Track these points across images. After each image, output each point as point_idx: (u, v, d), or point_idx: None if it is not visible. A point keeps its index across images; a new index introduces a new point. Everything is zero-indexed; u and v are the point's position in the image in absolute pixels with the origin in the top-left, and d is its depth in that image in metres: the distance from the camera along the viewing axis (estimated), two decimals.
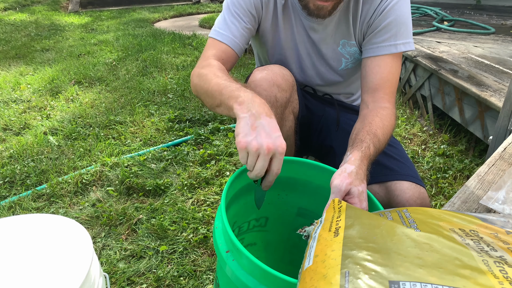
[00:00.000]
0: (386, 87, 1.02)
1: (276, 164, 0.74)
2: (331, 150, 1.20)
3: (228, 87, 0.84)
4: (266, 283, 0.62)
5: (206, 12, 6.80)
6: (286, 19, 1.11)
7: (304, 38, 1.12)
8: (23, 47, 4.15)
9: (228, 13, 1.08)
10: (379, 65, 1.03)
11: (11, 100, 2.72)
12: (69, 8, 6.70)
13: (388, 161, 1.03)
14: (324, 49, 1.13)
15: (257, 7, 1.07)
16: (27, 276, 0.70)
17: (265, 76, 0.99)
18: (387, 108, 1.00)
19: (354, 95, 1.32)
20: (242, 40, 1.09)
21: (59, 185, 1.74)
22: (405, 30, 1.03)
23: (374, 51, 1.04)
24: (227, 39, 1.06)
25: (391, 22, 1.01)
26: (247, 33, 1.09)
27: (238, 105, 0.78)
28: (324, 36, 1.10)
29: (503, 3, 5.24)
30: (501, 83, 2.12)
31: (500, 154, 1.25)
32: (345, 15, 1.06)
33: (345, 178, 0.77)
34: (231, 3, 1.08)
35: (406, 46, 1.03)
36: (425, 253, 0.47)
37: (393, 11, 1.01)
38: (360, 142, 0.87)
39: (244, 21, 1.07)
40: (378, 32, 1.03)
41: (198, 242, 1.43)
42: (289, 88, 1.02)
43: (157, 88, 2.91)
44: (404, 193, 0.96)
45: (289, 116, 1.07)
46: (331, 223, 0.58)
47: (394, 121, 0.99)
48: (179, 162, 1.96)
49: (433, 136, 2.30)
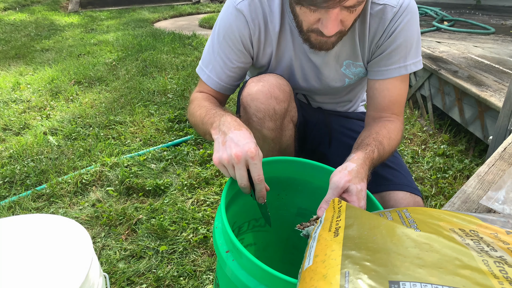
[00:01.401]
0: (394, 108, 1.01)
1: (253, 170, 0.75)
2: (324, 157, 1.20)
3: (207, 115, 0.91)
4: (266, 283, 0.62)
5: (206, 12, 6.80)
6: (281, 46, 1.02)
7: (303, 63, 1.05)
8: (23, 47, 4.15)
9: (215, 49, 1.02)
10: (388, 88, 1.00)
11: (11, 100, 2.72)
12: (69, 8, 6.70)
13: (383, 171, 1.01)
14: (326, 72, 1.06)
15: (245, 44, 1.00)
16: (27, 276, 0.70)
17: (261, 88, 0.94)
18: (395, 123, 0.99)
19: (351, 101, 1.27)
20: (230, 81, 1.05)
21: (59, 185, 1.74)
22: (415, 50, 0.99)
23: (383, 74, 0.99)
24: (212, 83, 1.05)
25: (401, 44, 0.96)
26: (235, 73, 1.04)
27: (213, 130, 0.85)
28: (327, 60, 1.03)
29: (503, 3, 5.24)
30: (501, 83, 2.12)
31: (500, 154, 1.25)
32: (350, 36, 0.99)
33: (345, 176, 0.77)
34: (217, 38, 1.01)
35: (417, 65, 1.00)
36: (425, 253, 0.47)
37: (403, 32, 0.95)
38: (365, 145, 0.87)
39: (231, 60, 1.02)
40: (387, 54, 0.98)
41: (198, 242, 1.43)
42: (287, 98, 0.98)
43: (157, 88, 2.91)
44: (398, 203, 0.96)
45: (288, 125, 1.04)
46: (331, 223, 0.58)
47: (400, 137, 0.97)
48: (179, 162, 1.96)
49: (433, 136, 2.30)
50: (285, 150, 1.06)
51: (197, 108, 0.97)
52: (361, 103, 1.33)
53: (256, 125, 0.96)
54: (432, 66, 2.42)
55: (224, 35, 1.00)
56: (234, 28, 0.98)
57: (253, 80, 0.98)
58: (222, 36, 1.00)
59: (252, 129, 0.94)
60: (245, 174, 0.76)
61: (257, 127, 0.96)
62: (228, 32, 0.99)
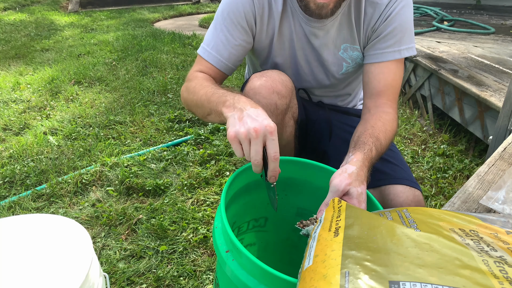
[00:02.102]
0: (389, 93, 1.02)
1: (270, 146, 0.74)
2: (325, 154, 1.20)
3: (215, 93, 0.87)
4: (266, 283, 0.62)
5: (206, 12, 6.80)
6: (284, 27, 1.06)
7: (304, 44, 1.09)
8: (22, 47, 4.15)
9: (217, 27, 1.04)
10: (383, 71, 1.02)
11: (11, 100, 2.72)
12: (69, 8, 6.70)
13: (382, 165, 1.02)
14: (325, 55, 1.10)
15: (249, 21, 1.03)
16: (27, 276, 0.70)
17: (264, 83, 0.96)
18: (390, 113, 0.99)
19: (350, 95, 1.30)
20: (231, 60, 1.05)
21: (59, 185, 1.74)
22: (408, 35, 1.02)
23: (378, 57, 1.03)
24: (213, 59, 1.05)
25: (396, 28, 1.00)
26: (237, 51, 1.05)
27: (225, 108, 0.81)
28: (326, 41, 1.07)
29: (503, 3, 5.24)
30: (501, 83, 2.12)
31: (500, 154, 1.25)
32: (347, 19, 1.03)
33: (345, 179, 0.76)
34: (221, 15, 1.03)
35: (409, 51, 1.03)
36: (425, 253, 0.47)
37: (398, 17, 0.99)
38: (362, 144, 0.86)
39: (234, 37, 1.03)
40: (382, 38, 1.01)
41: (198, 242, 1.43)
42: (289, 94, 1.00)
43: (157, 88, 2.91)
44: (397, 197, 0.96)
45: (289, 122, 1.05)
46: (331, 223, 0.58)
47: (396, 127, 0.98)
48: (179, 162, 1.96)
49: (433, 136, 2.30)
50: (285, 146, 1.07)
51: (200, 87, 0.95)
52: (359, 101, 1.34)
53: None
54: (432, 66, 2.42)
55: (228, 11, 1.02)
56: (239, 4, 1.01)
57: (256, 75, 1.00)
58: (227, 13, 1.02)
59: None
60: (261, 150, 0.74)
61: None
62: (232, 8, 1.01)
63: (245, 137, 0.73)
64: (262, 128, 0.73)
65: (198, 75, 1.03)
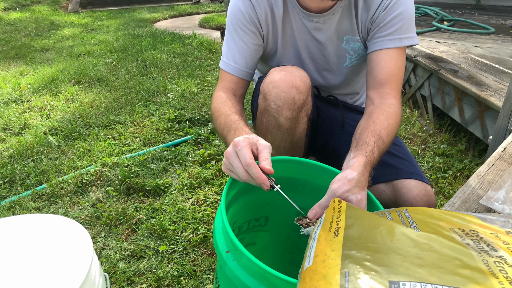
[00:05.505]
0: (392, 82, 1.02)
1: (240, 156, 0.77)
2: (334, 151, 1.20)
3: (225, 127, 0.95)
4: (266, 283, 0.62)
5: (206, 12, 6.80)
6: (286, 27, 1.09)
7: (308, 41, 1.11)
8: (23, 47, 4.15)
9: (229, 38, 1.10)
10: (385, 59, 1.03)
11: (11, 100, 2.72)
12: (69, 8, 6.70)
13: (393, 160, 1.03)
14: (330, 48, 1.12)
15: (255, 25, 1.07)
16: (27, 276, 0.70)
17: (283, 77, 0.99)
18: (393, 105, 0.99)
19: (358, 94, 1.31)
20: (249, 65, 1.10)
21: (59, 185, 1.74)
22: (409, 25, 1.03)
23: (379, 45, 1.04)
24: (233, 69, 1.09)
25: (395, 17, 1.01)
26: (250, 55, 1.09)
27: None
28: (330, 34, 1.09)
29: (503, 3, 5.24)
30: (501, 83, 2.12)
31: (500, 154, 1.25)
32: (347, 11, 1.06)
33: (344, 185, 0.76)
34: (229, 27, 1.09)
35: (410, 40, 1.03)
36: (425, 253, 0.47)
37: (398, 6, 1.00)
38: (364, 144, 0.86)
39: (246, 43, 1.08)
40: (382, 27, 1.03)
41: (198, 242, 1.43)
42: (306, 91, 1.01)
43: (157, 88, 2.91)
44: (410, 191, 0.97)
45: (303, 119, 1.06)
46: (331, 223, 0.58)
47: (399, 119, 0.99)
48: (179, 162, 1.96)
49: (433, 136, 2.30)
50: (296, 143, 1.09)
51: (218, 114, 1.01)
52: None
53: (274, 112, 0.99)
54: (432, 66, 2.42)
55: (236, 21, 1.07)
56: (243, 12, 1.05)
57: (276, 69, 1.02)
58: (235, 23, 1.07)
59: (269, 117, 0.99)
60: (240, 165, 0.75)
61: (274, 115, 0.99)
62: (238, 16, 1.06)
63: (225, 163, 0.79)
64: (230, 148, 0.77)
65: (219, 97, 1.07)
